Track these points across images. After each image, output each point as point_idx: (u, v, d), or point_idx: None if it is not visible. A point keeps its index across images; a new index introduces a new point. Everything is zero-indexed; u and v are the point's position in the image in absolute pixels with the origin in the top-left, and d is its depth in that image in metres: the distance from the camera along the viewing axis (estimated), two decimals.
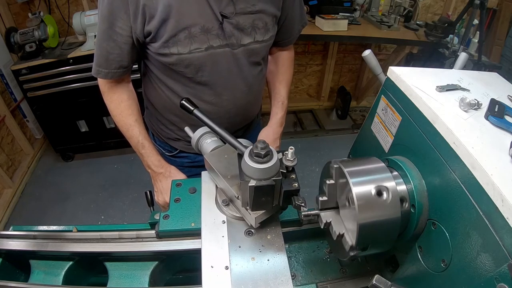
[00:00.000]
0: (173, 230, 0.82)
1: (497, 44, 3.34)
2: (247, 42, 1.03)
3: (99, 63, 1.02)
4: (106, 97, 1.10)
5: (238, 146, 0.74)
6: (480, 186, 0.51)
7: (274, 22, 1.08)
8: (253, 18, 1.01)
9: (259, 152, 0.66)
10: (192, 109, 0.86)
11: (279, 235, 0.77)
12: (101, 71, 1.02)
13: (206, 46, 0.98)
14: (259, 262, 0.72)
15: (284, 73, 1.29)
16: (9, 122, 2.77)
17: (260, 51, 1.09)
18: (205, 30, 0.96)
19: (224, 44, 1.00)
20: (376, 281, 0.58)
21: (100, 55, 1.00)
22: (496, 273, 0.46)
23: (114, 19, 0.93)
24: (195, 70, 1.02)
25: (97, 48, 1.01)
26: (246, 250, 0.74)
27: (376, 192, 0.59)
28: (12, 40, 2.55)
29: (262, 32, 1.05)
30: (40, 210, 2.65)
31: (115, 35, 0.96)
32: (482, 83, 0.76)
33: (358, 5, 3.11)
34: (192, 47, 0.97)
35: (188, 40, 0.95)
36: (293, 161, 0.70)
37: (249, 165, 0.66)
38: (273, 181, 0.67)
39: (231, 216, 0.81)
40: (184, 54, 0.97)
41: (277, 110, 1.27)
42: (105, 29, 0.95)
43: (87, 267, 0.93)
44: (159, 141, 1.31)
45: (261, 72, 1.17)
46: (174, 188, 0.92)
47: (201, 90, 1.07)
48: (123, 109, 1.09)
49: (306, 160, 3.09)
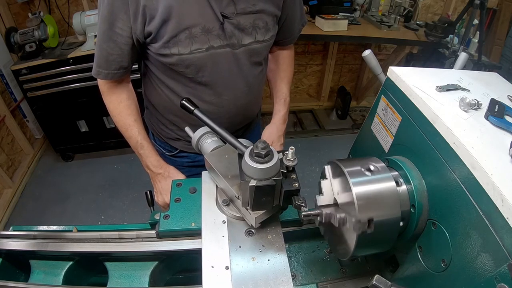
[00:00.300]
0: (173, 230, 0.82)
1: (497, 44, 3.34)
2: (248, 42, 1.03)
3: (99, 64, 1.01)
4: (106, 97, 1.10)
5: (239, 146, 0.74)
6: (480, 186, 0.51)
7: (275, 22, 1.08)
8: (253, 18, 1.01)
9: (259, 152, 0.66)
10: (192, 109, 0.86)
11: (280, 235, 0.77)
12: (101, 71, 1.02)
13: (207, 46, 0.98)
14: (259, 262, 0.72)
15: (285, 70, 1.30)
16: (9, 122, 2.77)
17: (261, 51, 1.09)
18: (206, 31, 0.96)
19: (225, 44, 1.00)
20: (376, 281, 0.58)
21: (100, 56, 1.00)
22: (496, 273, 0.46)
23: (114, 19, 0.93)
24: (196, 70, 1.02)
25: (97, 49, 1.00)
26: (247, 250, 0.74)
27: (365, 170, 0.60)
28: (12, 40, 2.55)
29: (263, 32, 1.05)
30: (40, 210, 2.65)
31: (115, 36, 0.95)
32: (482, 83, 0.76)
33: (358, 5, 3.11)
34: (193, 48, 0.97)
35: (188, 40, 0.95)
36: (294, 161, 0.70)
37: (250, 165, 0.66)
38: (274, 181, 0.67)
39: (231, 216, 0.81)
40: (184, 55, 0.97)
41: (279, 107, 1.28)
42: (105, 30, 0.95)
43: (87, 267, 0.93)
44: (159, 141, 1.31)
45: (261, 72, 1.17)
46: (175, 188, 0.92)
47: (201, 90, 1.07)
48: (122, 109, 1.09)
49: (306, 160, 3.09)
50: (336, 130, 3.63)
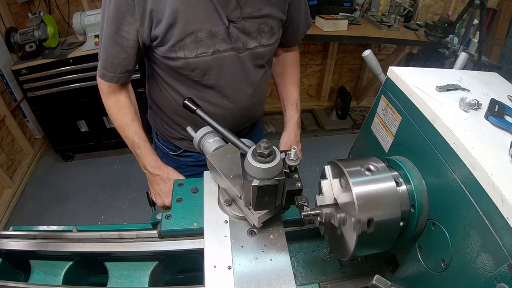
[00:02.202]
0: (175, 230, 0.82)
1: (497, 44, 3.34)
2: (253, 46, 1.04)
3: (104, 67, 1.01)
4: (104, 96, 1.09)
5: (241, 146, 0.74)
6: (480, 186, 0.51)
7: (280, 26, 1.09)
8: (259, 22, 1.01)
9: (262, 152, 0.66)
10: (194, 108, 0.86)
11: (282, 235, 0.77)
12: (107, 74, 1.02)
13: (212, 50, 0.99)
14: (261, 262, 0.72)
15: (292, 74, 1.30)
16: (9, 122, 2.77)
17: (265, 55, 1.10)
18: (212, 35, 0.96)
19: (230, 48, 1.01)
20: (376, 281, 0.58)
21: (105, 59, 1.00)
22: (496, 273, 0.46)
23: (120, 23, 0.93)
24: (201, 73, 1.03)
25: (102, 52, 1.00)
26: (249, 249, 0.74)
27: (365, 170, 0.60)
28: (12, 40, 2.55)
29: (268, 36, 1.05)
30: (40, 210, 2.65)
31: (121, 39, 0.95)
32: (482, 83, 0.76)
33: (358, 5, 3.11)
34: (199, 52, 0.97)
35: (194, 44, 0.96)
36: (296, 161, 0.70)
37: (252, 164, 0.66)
38: (276, 181, 0.67)
39: (233, 216, 0.81)
40: (190, 58, 0.98)
41: (292, 112, 1.28)
42: (111, 34, 0.95)
43: (87, 267, 0.93)
44: (163, 140, 1.30)
45: (265, 74, 1.17)
46: (176, 188, 0.92)
47: (207, 93, 1.08)
48: (120, 108, 1.09)
49: (306, 160, 3.08)
50: (336, 130, 3.63)
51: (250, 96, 1.14)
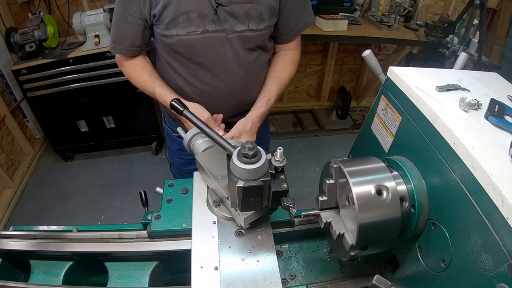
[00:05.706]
0: (164, 231, 0.82)
1: (497, 44, 3.34)
2: (241, 29, 1.10)
3: (114, 40, 1.16)
4: (122, 66, 1.24)
5: (227, 147, 0.73)
6: (480, 186, 0.51)
7: (271, 13, 1.12)
8: (248, 7, 1.07)
9: (246, 152, 0.65)
10: (182, 109, 0.85)
11: (270, 236, 0.76)
12: (116, 47, 1.16)
13: (202, 30, 1.08)
14: (248, 263, 0.71)
15: (280, 70, 1.28)
16: (9, 122, 2.77)
17: (253, 39, 1.14)
18: (202, 16, 1.06)
19: (219, 29, 1.09)
20: (376, 281, 0.58)
21: (115, 34, 1.15)
22: (496, 273, 0.46)
23: (128, 3, 1.08)
24: (192, 51, 1.12)
25: (113, 27, 1.15)
26: (236, 250, 0.74)
27: (376, 192, 0.59)
28: (12, 40, 2.55)
29: (257, 22, 1.10)
30: (40, 210, 2.65)
31: (129, 17, 1.10)
32: (482, 83, 0.76)
33: (358, 5, 3.11)
34: (189, 30, 1.07)
35: (186, 23, 1.06)
36: (282, 162, 0.69)
37: (237, 165, 0.65)
38: (262, 182, 0.67)
39: (221, 217, 0.80)
40: (182, 36, 1.08)
41: (261, 104, 1.21)
42: (121, 11, 1.10)
43: (87, 267, 0.93)
44: (169, 122, 1.41)
45: (258, 58, 1.20)
46: (167, 188, 0.92)
47: (198, 71, 1.17)
48: (137, 69, 1.21)
49: (306, 160, 3.09)
50: (336, 130, 3.63)
51: (242, 78, 1.19)
